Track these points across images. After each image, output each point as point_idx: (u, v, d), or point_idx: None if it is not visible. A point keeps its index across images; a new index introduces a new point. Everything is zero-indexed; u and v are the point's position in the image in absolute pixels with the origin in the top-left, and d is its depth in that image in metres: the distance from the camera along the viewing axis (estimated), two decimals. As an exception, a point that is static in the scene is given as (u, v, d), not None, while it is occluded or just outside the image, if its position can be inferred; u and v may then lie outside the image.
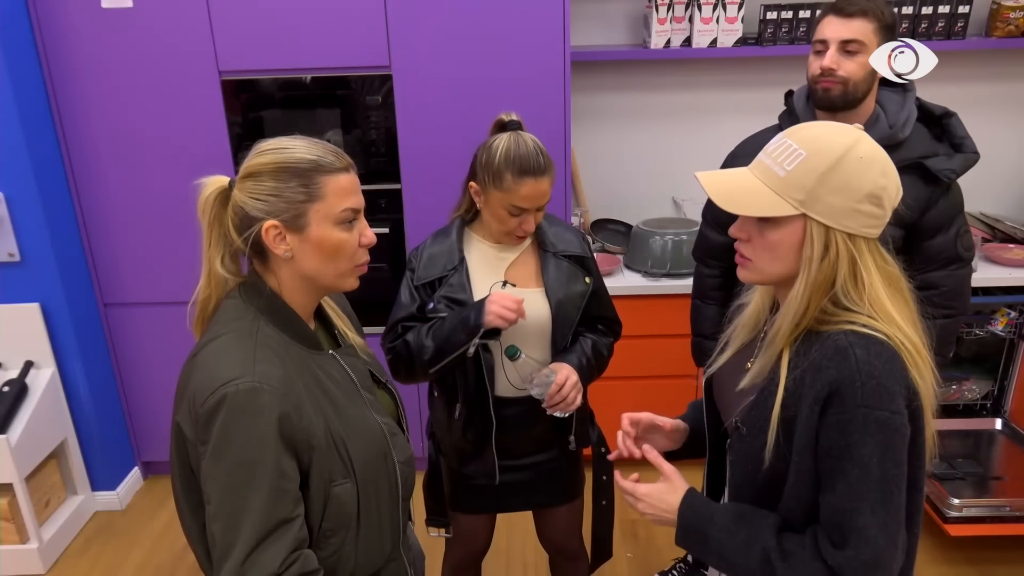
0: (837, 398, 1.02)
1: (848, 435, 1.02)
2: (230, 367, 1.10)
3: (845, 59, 1.76)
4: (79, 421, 2.82)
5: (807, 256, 1.05)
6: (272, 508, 1.08)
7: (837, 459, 1.03)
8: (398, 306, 1.76)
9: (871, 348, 1.02)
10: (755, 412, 1.12)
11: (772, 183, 1.06)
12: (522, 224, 1.63)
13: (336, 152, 1.18)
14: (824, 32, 1.79)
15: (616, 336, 1.88)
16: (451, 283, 1.70)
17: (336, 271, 1.20)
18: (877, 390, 1.00)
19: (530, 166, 1.57)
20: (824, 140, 1.05)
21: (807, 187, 1.03)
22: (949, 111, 1.89)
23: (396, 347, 1.72)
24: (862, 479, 1.02)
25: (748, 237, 1.12)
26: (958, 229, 1.87)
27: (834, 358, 1.03)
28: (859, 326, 1.05)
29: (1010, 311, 2.78)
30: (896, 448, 1.02)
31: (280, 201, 1.13)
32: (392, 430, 1.27)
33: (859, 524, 1.02)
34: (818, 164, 1.03)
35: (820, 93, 1.81)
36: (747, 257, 1.13)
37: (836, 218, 1.03)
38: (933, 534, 2.57)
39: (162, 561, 2.68)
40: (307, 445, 1.12)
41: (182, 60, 2.52)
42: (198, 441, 1.10)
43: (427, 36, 2.49)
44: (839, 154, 1.03)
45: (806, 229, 1.05)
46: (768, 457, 1.09)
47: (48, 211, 2.57)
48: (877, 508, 1.02)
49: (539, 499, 1.91)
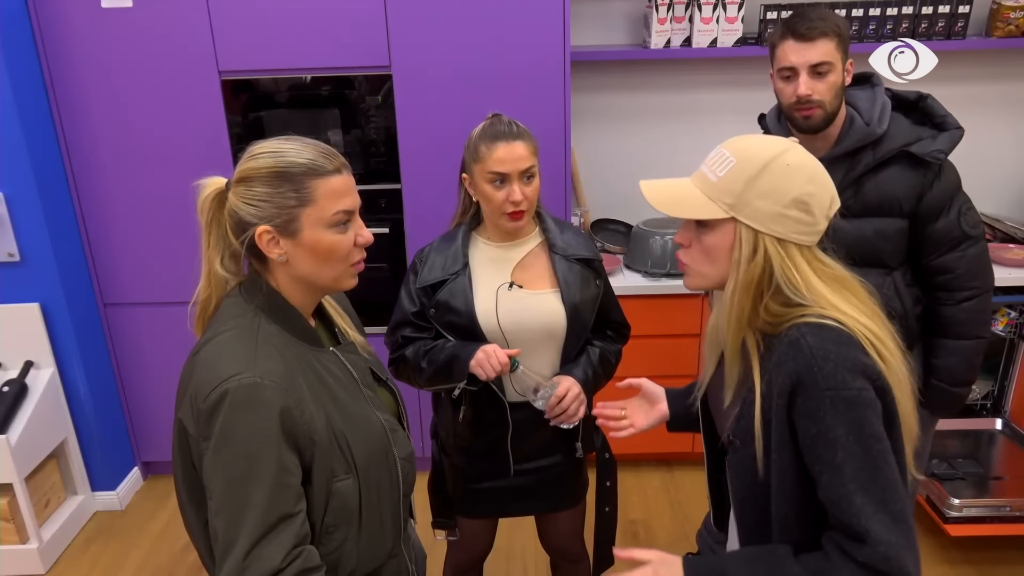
0: (800, 388, 1.04)
1: (819, 421, 1.03)
2: (232, 363, 1.10)
3: (817, 82, 1.76)
4: (79, 421, 2.82)
5: (735, 258, 1.10)
6: (274, 503, 1.08)
7: (815, 449, 1.04)
8: (398, 307, 1.77)
9: (822, 334, 1.05)
10: (742, 423, 1.14)
11: (705, 188, 1.12)
12: (509, 196, 1.62)
13: (328, 154, 1.17)
14: (789, 59, 1.76)
15: (624, 340, 1.89)
16: (451, 289, 1.69)
17: (332, 273, 1.20)
18: (836, 371, 1.02)
19: (500, 132, 1.62)
20: (753, 148, 1.10)
21: (736, 192, 1.08)
22: (923, 93, 1.89)
23: (396, 359, 1.78)
24: (845, 463, 1.02)
25: (688, 243, 1.17)
26: (959, 208, 1.85)
27: (788, 351, 1.06)
28: (808, 317, 1.08)
29: (1010, 311, 2.78)
30: (871, 423, 1.03)
31: (272, 207, 1.13)
32: (393, 426, 1.28)
33: (858, 508, 1.02)
34: (746, 169, 1.08)
35: (801, 121, 1.80)
36: (685, 263, 1.18)
37: (763, 222, 1.08)
38: (933, 534, 2.57)
39: (162, 561, 2.68)
40: (309, 440, 1.13)
41: (182, 60, 2.52)
42: (200, 437, 1.10)
43: (427, 36, 2.49)
44: (766, 160, 1.08)
45: (736, 232, 1.09)
46: (760, 466, 1.10)
47: (48, 211, 2.57)
48: (868, 486, 1.02)
49: (543, 504, 1.90)
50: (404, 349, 1.76)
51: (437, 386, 1.74)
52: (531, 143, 1.64)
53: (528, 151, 1.62)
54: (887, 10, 2.74)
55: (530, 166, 1.62)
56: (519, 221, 1.66)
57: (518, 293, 1.70)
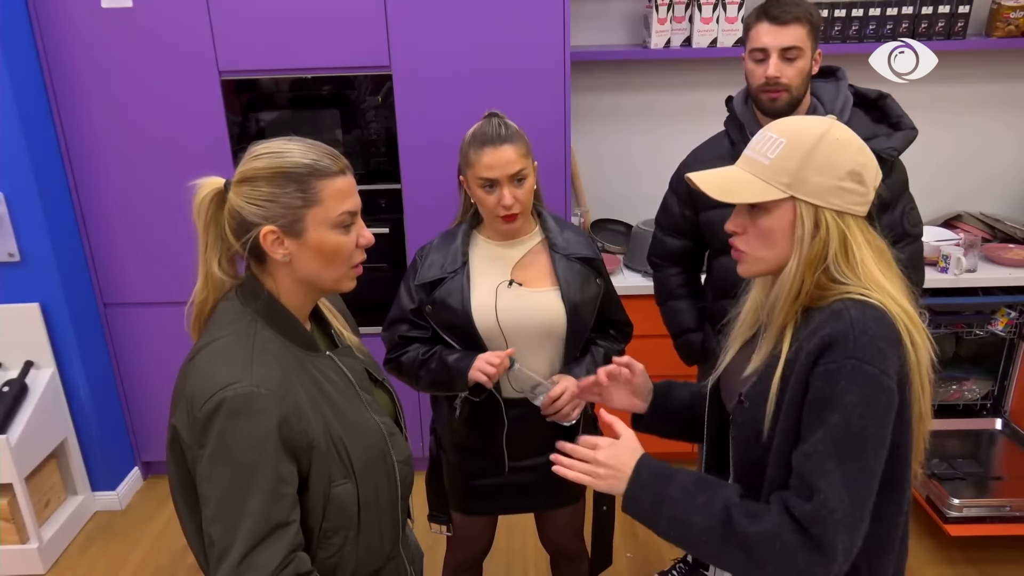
0: (829, 350, 1.04)
1: (834, 383, 1.03)
2: (227, 371, 1.10)
3: (786, 66, 1.79)
4: (79, 421, 2.82)
5: (799, 236, 1.09)
6: (269, 512, 1.08)
7: (819, 409, 1.04)
8: (396, 303, 1.78)
9: (866, 311, 1.06)
10: (759, 385, 1.14)
11: (758, 172, 1.11)
12: (500, 200, 1.62)
13: (332, 155, 1.17)
14: (762, 40, 1.80)
15: (627, 339, 1.89)
16: (448, 287, 1.70)
17: (334, 273, 1.20)
18: (869, 345, 1.03)
19: (487, 137, 1.62)
20: (801, 127, 1.11)
21: (791, 170, 1.08)
22: (883, 93, 1.92)
23: (392, 360, 1.78)
24: (839, 427, 1.02)
25: (743, 229, 1.15)
26: (904, 207, 1.91)
27: (829, 319, 1.06)
28: (854, 294, 1.08)
29: (1010, 311, 2.78)
30: (880, 408, 1.03)
31: (277, 207, 1.13)
32: (391, 430, 1.27)
33: (827, 469, 1.02)
34: (799, 147, 1.08)
35: (767, 103, 1.83)
36: (742, 250, 1.17)
37: (823, 196, 1.08)
38: (933, 534, 2.58)
39: (162, 561, 2.68)
40: (307, 447, 1.12)
41: (182, 60, 2.52)
42: (196, 445, 1.10)
43: (427, 36, 2.49)
44: (817, 136, 1.09)
45: (796, 211, 1.09)
46: (767, 427, 1.11)
47: (48, 211, 2.57)
48: (848, 461, 1.02)
49: (541, 501, 1.90)
50: (401, 353, 1.76)
51: (434, 393, 1.76)
52: (521, 145, 1.63)
53: (517, 154, 1.61)
54: (887, 10, 2.74)
55: (519, 169, 1.62)
56: (513, 223, 1.67)
57: (518, 291, 1.70)
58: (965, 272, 2.68)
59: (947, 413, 2.97)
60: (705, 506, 1.10)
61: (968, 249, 2.72)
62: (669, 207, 2.15)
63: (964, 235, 2.85)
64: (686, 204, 2.07)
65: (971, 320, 2.84)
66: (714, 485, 1.14)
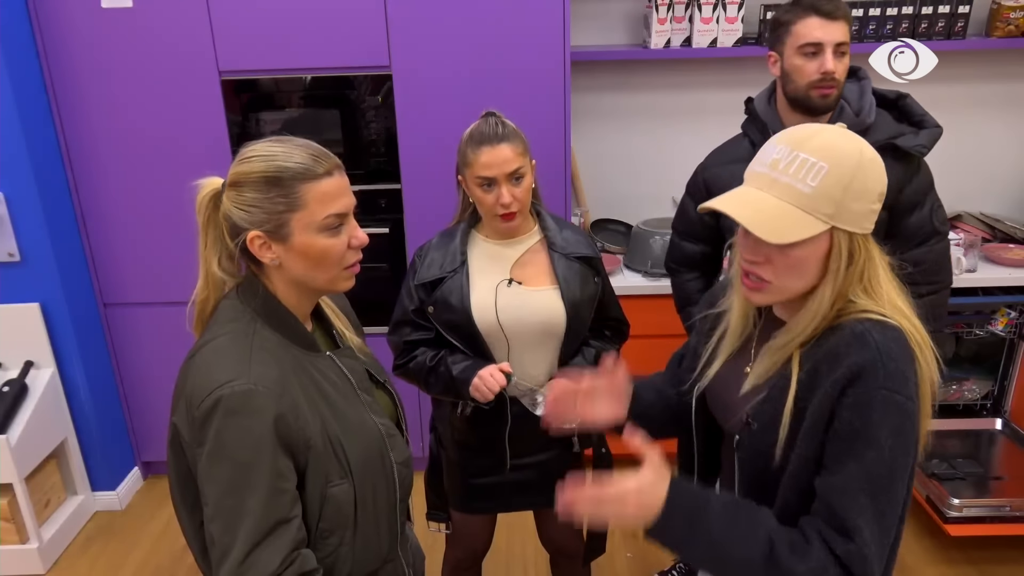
0: (858, 380, 1.01)
1: (866, 416, 1.00)
2: (226, 369, 1.10)
3: (838, 61, 1.78)
4: (79, 421, 2.82)
5: (835, 267, 1.04)
6: (270, 509, 1.08)
7: (850, 440, 1.01)
8: (399, 304, 1.79)
9: (887, 333, 1.03)
10: (767, 406, 1.10)
11: (798, 201, 1.02)
12: (498, 199, 1.63)
13: (319, 156, 1.15)
14: (815, 34, 1.77)
15: (623, 338, 1.89)
16: (448, 286, 1.70)
17: (325, 275, 1.19)
18: (897, 374, 1.00)
19: (485, 136, 1.62)
20: (839, 148, 1.03)
21: (835, 199, 1.01)
22: (902, 93, 1.92)
23: (401, 368, 1.80)
24: (874, 463, 1.00)
25: (766, 259, 1.06)
26: (932, 205, 1.91)
27: (852, 343, 1.02)
28: (871, 313, 1.05)
29: (1010, 311, 2.78)
30: (907, 435, 1.02)
31: (261, 212, 1.13)
32: (390, 431, 1.27)
33: (863, 506, 1.00)
34: (843, 175, 1.01)
35: (818, 100, 1.80)
36: (766, 279, 1.08)
37: (858, 223, 1.03)
38: (933, 534, 2.58)
39: (162, 561, 2.68)
40: (304, 446, 1.12)
41: (182, 60, 2.52)
42: (195, 443, 1.10)
43: (427, 36, 2.49)
44: (856, 160, 1.02)
45: (833, 240, 1.03)
46: (779, 452, 1.07)
47: (48, 211, 2.57)
48: (879, 495, 1.01)
49: (540, 499, 1.90)
50: (408, 359, 1.77)
51: (448, 399, 1.78)
52: (518, 144, 1.63)
53: (514, 153, 1.62)
54: (887, 10, 2.74)
55: (517, 168, 1.62)
56: (511, 222, 1.68)
57: (517, 289, 1.71)
58: (965, 272, 2.68)
59: (947, 413, 2.98)
60: (745, 537, 1.04)
61: (968, 249, 2.72)
62: (686, 211, 2.12)
63: (964, 235, 2.84)
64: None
65: (971, 320, 2.84)
66: (751, 511, 1.08)
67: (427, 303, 1.72)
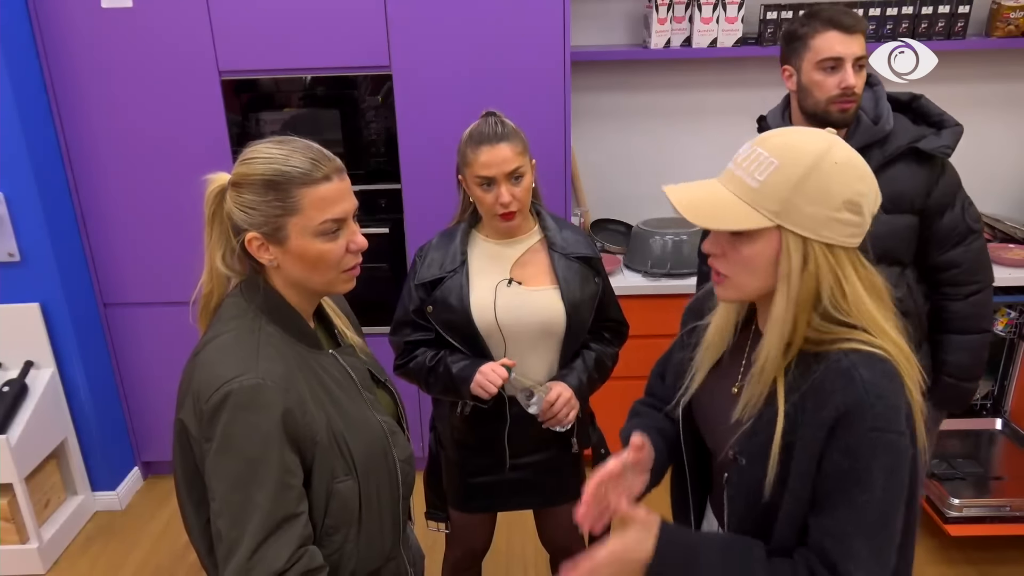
0: (846, 422, 0.97)
1: (856, 459, 0.98)
2: (233, 364, 1.11)
3: (858, 75, 1.76)
4: (79, 421, 2.82)
5: (784, 271, 1.00)
6: (277, 504, 1.08)
7: (841, 482, 0.99)
8: (400, 305, 1.79)
9: (875, 367, 0.98)
10: (754, 440, 1.07)
11: (744, 195, 1.00)
12: (498, 198, 1.63)
13: (319, 160, 1.14)
14: (835, 49, 1.74)
15: (622, 340, 1.89)
16: (448, 286, 1.70)
17: (322, 278, 1.19)
18: (886, 412, 0.97)
19: (484, 135, 1.62)
20: (796, 147, 0.99)
21: (781, 197, 0.98)
22: (916, 94, 1.91)
23: (402, 368, 1.80)
24: (867, 506, 0.98)
25: (722, 252, 1.05)
26: (962, 203, 1.88)
27: (838, 381, 0.98)
28: (857, 343, 1.00)
29: (1010, 311, 2.78)
30: (901, 470, 0.99)
31: (259, 214, 1.13)
32: (392, 428, 1.28)
33: (855, 549, 0.99)
34: (791, 172, 0.97)
35: (837, 115, 1.77)
36: (723, 274, 1.07)
37: (814, 228, 0.98)
38: (933, 534, 2.57)
39: (162, 561, 2.68)
40: (310, 441, 1.13)
41: (182, 60, 2.52)
42: (202, 438, 1.10)
43: (427, 36, 2.49)
44: (813, 160, 0.97)
45: (782, 241, 0.99)
46: (768, 490, 1.04)
47: (48, 211, 2.57)
48: (875, 532, 0.99)
49: (540, 498, 1.91)
50: (409, 359, 1.78)
51: (448, 398, 1.79)
52: (518, 143, 1.63)
53: (514, 152, 1.62)
54: (887, 10, 2.74)
55: (517, 167, 1.62)
56: (511, 221, 1.68)
57: (517, 289, 1.71)
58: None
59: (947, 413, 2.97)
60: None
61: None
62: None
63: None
64: None
65: (971, 320, 2.84)
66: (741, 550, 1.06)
67: (427, 303, 1.72)
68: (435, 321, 1.72)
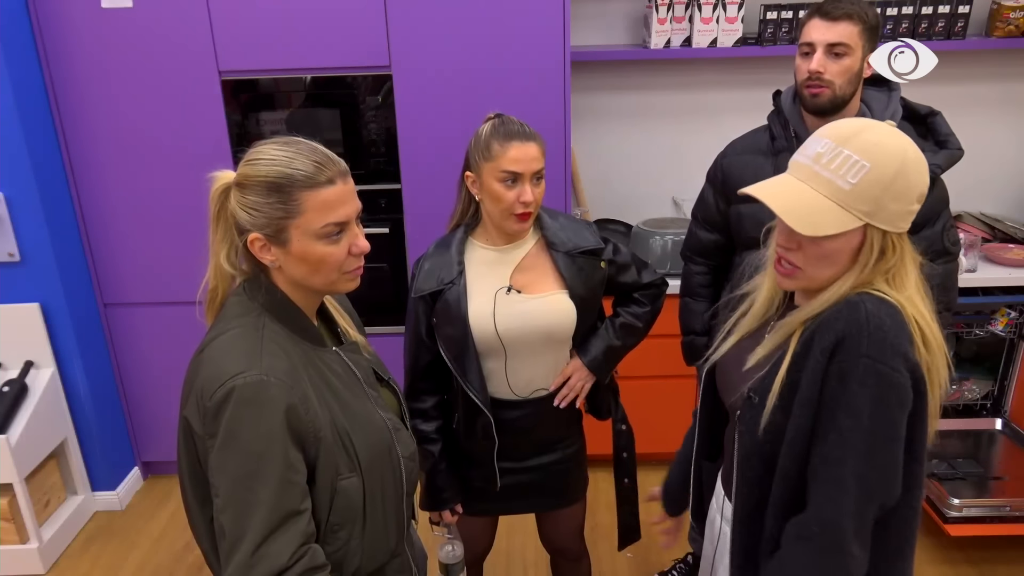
0: (842, 347, 1.03)
1: (846, 383, 1.02)
2: (237, 361, 1.11)
3: (831, 62, 1.77)
4: (79, 421, 2.82)
5: (864, 261, 1.07)
6: (281, 500, 1.08)
7: (832, 408, 1.04)
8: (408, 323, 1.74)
9: (882, 307, 1.04)
10: (766, 380, 1.13)
11: (836, 197, 1.05)
12: (520, 196, 1.59)
13: (323, 163, 1.14)
14: (810, 35, 1.79)
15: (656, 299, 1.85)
16: (447, 298, 1.67)
17: (324, 280, 1.19)
18: (882, 343, 1.01)
19: (514, 131, 1.60)
20: (883, 148, 1.04)
21: (874, 198, 1.03)
22: (934, 110, 1.92)
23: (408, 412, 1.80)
24: (853, 430, 1.02)
25: (798, 246, 1.10)
26: (944, 223, 1.90)
27: (843, 310, 1.05)
28: (873, 290, 1.07)
29: (1010, 311, 2.78)
30: (891, 406, 1.02)
31: (262, 216, 1.13)
32: (396, 425, 1.28)
33: (842, 475, 1.03)
34: (884, 175, 1.03)
35: (808, 99, 1.81)
36: (796, 266, 1.11)
37: (893, 222, 1.05)
38: (933, 534, 2.58)
39: (162, 561, 2.68)
40: (314, 438, 1.13)
41: (182, 60, 2.52)
42: (206, 434, 1.10)
43: (427, 36, 2.49)
44: (900, 162, 1.03)
45: (866, 236, 1.06)
46: (764, 422, 1.10)
47: (48, 211, 2.57)
48: (859, 460, 1.02)
49: (541, 502, 1.90)
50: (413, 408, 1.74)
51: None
52: (542, 145, 1.63)
53: (539, 152, 1.61)
54: (887, 10, 2.74)
55: (541, 168, 1.62)
56: (525, 223, 1.65)
57: (517, 298, 1.68)
58: (965, 272, 2.68)
59: (947, 413, 2.97)
60: None
61: (968, 249, 2.72)
62: (705, 198, 2.11)
63: (964, 235, 2.84)
64: (720, 195, 2.03)
65: (971, 320, 2.84)
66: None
67: (431, 316, 1.69)
68: (438, 335, 1.69)
